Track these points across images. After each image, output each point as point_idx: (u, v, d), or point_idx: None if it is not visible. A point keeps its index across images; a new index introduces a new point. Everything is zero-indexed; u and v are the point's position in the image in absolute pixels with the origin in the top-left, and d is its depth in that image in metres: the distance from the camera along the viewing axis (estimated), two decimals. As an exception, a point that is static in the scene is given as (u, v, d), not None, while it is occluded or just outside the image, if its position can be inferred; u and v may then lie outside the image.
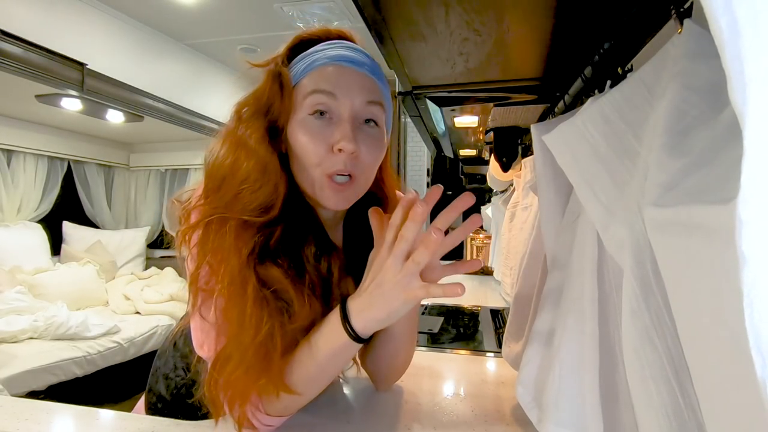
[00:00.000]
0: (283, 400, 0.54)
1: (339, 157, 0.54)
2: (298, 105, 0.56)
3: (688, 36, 0.35)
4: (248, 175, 0.54)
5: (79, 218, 3.49)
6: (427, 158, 4.09)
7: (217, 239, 0.52)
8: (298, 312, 0.54)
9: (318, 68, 0.56)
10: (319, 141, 0.55)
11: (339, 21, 2.47)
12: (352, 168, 0.55)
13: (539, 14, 0.56)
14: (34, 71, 1.96)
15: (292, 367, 0.54)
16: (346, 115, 0.55)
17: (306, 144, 0.55)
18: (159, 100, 2.66)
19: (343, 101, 0.55)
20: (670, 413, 0.31)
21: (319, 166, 0.55)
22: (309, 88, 0.55)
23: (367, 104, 0.56)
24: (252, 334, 0.51)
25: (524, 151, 1.34)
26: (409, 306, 0.50)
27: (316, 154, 0.55)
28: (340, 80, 0.55)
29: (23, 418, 0.62)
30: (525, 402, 0.57)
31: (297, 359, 0.54)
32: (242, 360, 0.51)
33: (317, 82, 0.55)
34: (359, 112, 0.56)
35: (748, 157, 0.18)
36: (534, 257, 0.72)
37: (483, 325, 1.28)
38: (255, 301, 0.52)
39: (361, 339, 0.52)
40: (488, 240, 2.30)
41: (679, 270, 0.28)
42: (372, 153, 0.57)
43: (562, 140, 0.52)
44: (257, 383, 0.52)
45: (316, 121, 0.55)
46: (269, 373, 0.52)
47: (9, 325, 2.21)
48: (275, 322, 0.52)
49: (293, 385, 0.53)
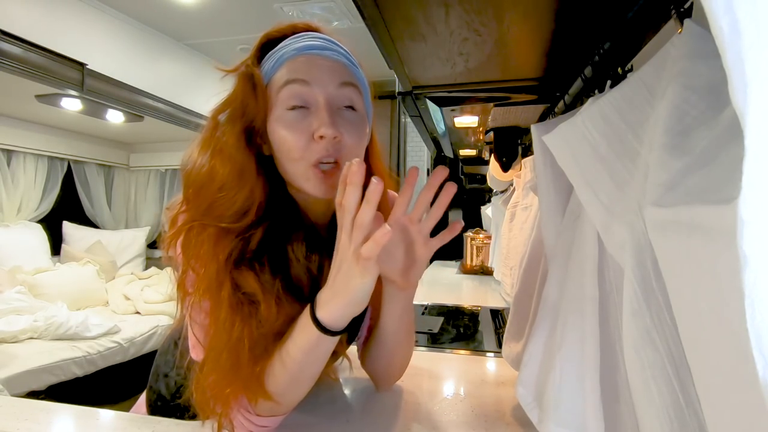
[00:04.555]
0: (269, 402, 0.54)
1: (321, 144, 0.54)
2: (274, 101, 0.56)
3: (688, 36, 0.35)
4: (224, 182, 0.54)
5: (79, 218, 3.49)
6: (427, 158, 4.09)
7: (197, 245, 0.53)
8: (266, 316, 0.53)
9: (287, 61, 0.56)
10: (299, 132, 0.54)
11: (339, 21, 2.47)
12: (336, 153, 0.55)
13: (539, 14, 0.56)
14: (34, 71, 1.96)
15: (271, 369, 0.54)
16: (322, 102, 0.55)
17: (286, 137, 0.55)
18: (159, 100, 2.66)
19: (316, 88, 0.55)
20: (671, 413, 0.31)
21: (302, 158, 0.55)
22: (281, 81, 0.55)
23: (341, 87, 0.56)
24: (225, 338, 0.51)
25: (524, 151, 1.34)
26: (367, 279, 0.47)
27: (297, 146, 0.54)
28: (311, 68, 0.55)
29: (23, 418, 0.62)
30: (525, 402, 0.57)
31: (274, 362, 0.54)
32: (216, 364, 0.51)
33: (289, 74, 0.55)
34: (335, 98, 0.56)
35: (749, 157, 0.18)
36: (534, 257, 0.72)
37: (483, 325, 1.28)
38: (229, 306, 0.52)
39: (331, 331, 0.50)
40: (488, 240, 2.30)
41: (680, 270, 0.28)
42: (353, 136, 0.56)
43: (562, 140, 0.52)
44: (230, 387, 0.52)
45: (294, 114, 0.55)
46: (240, 377, 0.52)
47: (9, 325, 2.20)
48: (246, 326, 0.52)
49: (272, 386, 0.53)
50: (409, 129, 3.96)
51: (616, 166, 0.42)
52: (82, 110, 2.49)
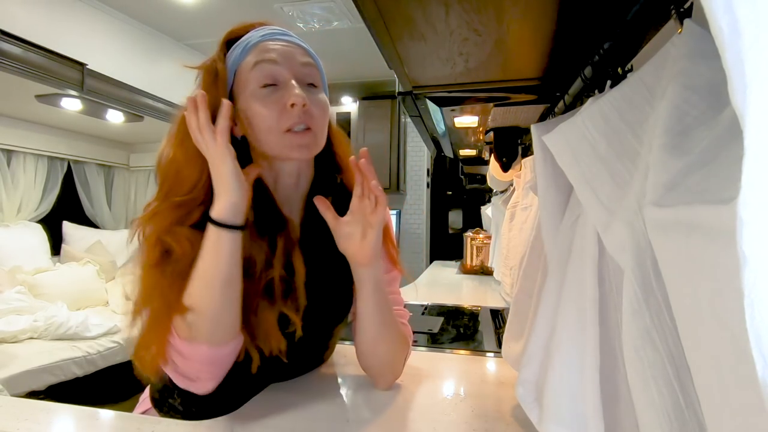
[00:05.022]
0: (186, 318, 0.57)
1: (293, 111, 0.61)
2: (245, 82, 0.63)
3: (688, 36, 0.35)
4: (182, 164, 0.62)
5: (79, 218, 3.49)
6: (427, 158, 4.09)
7: (152, 220, 0.61)
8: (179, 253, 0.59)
9: (255, 46, 0.64)
10: (272, 104, 0.62)
11: (339, 21, 2.47)
12: (307, 119, 0.62)
13: (539, 14, 0.56)
14: (34, 71, 1.96)
15: (187, 286, 0.58)
16: (290, 77, 0.63)
17: (261, 110, 0.62)
18: (159, 100, 2.66)
19: (284, 66, 0.63)
20: (671, 413, 0.31)
21: (276, 127, 0.62)
22: (251, 63, 0.63)
23: (303, 66, 0.65)
24: (150, 287, 0.59)
25: (524, 151, 1.34)
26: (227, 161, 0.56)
27: (271, 117, 0.61)
28: (277, 50, 0.64)
29: (23, 418, 0.62)
30: (525, 402, 0.56)
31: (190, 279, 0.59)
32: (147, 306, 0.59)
33: (258, 55, 0.63)
34: (299, 75, 0.64)
35: (748, 157, 0.18)
36: (534, 257, 0.72)
37: (483, 325, 1.28)
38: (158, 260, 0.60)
39: (224, 224, 0.56)
40: (488, 240, 2.30)
41: (680, 270, 0.28)
42: (319, 107, 0.65)
43: (562, 140, 0.52)
44: (159, 320, 0.58)
45: (266, 90, 0.62)
46: (167, 302, 0.58)
47: (9, 325, 2.20)
48: (162, 270, 0.59)
49: (186, 299, 0.58)
50: (409, 129, 3.96)
51: (616, 166, 0.42)
52: (82, 110, 2.49)
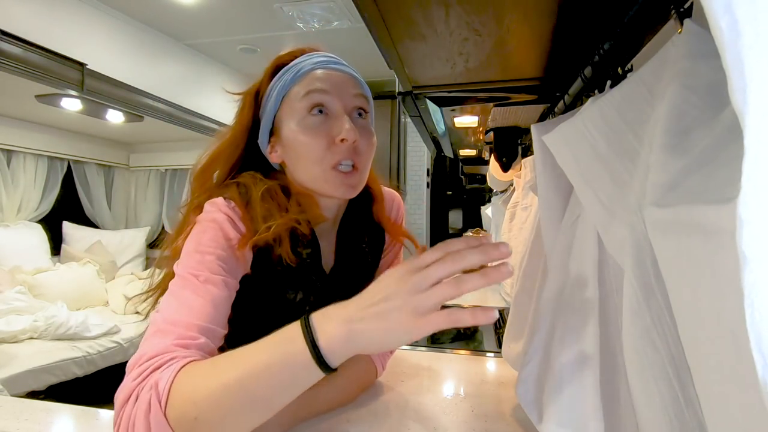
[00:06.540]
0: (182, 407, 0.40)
1: (341, 147, 0.59)
2: (293, 111, 0.61)
3: (688, 36, 0.35)
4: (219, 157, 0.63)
5: (79, 218, 3.48)
6: (427, 158, 4.09)
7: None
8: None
9: (306, 74, 0.62)
10: (321, 136, 0.59)
11: (339, 21, 2.47)
12: (354, 156, 0.60)
13: (539, 14, 0.56)
14: (34, 71, 1.95)
15: (212, 367, 0.42)
16: (341, 109, 0.60)
17: (308, 141, 0.59)
18: (159, 100, 2.65)
19: (336, 97, 0.60)
20: (671, 413, 0.31)
21: (322, 160, 0.59)
22: (303, 92, 0.60)
23: (355, 97, 0.62)
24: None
25: (524, 151, 1.34)
26: (413, 337, 0.39)
27: (319, 149, 0.59)
28: (330, 79, 0.61)
29: (23, 418, 0.62)
30: (525, 402, 0.56)
31: (219, 360, 0.43)
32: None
33: (310, 84, 0.61)
34: (350, 105, 0.62)
35: (748, 157, 0.18)
36: (534, 257, 0.72)
37: (483, 325, 1.28)
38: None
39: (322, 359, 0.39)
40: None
41: (680, 270, 0.28)
42: (368, 142, 0.62)
43: (562, 140, 0.52)
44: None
45: (315, 119, 0.60)
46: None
47: (9, 325, 2.20)
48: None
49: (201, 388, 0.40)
50: (409, 129, 3.95)
51: (616, 166, 0.42)
52: (82, 110, 2.49)
